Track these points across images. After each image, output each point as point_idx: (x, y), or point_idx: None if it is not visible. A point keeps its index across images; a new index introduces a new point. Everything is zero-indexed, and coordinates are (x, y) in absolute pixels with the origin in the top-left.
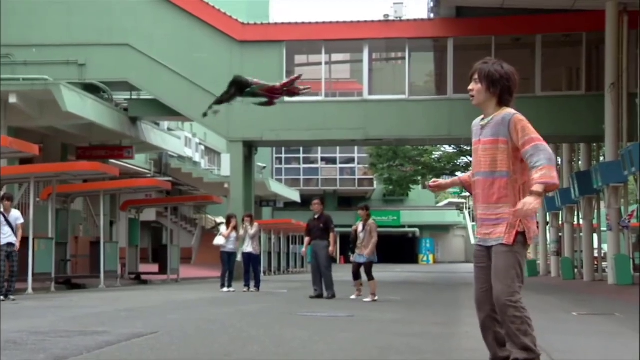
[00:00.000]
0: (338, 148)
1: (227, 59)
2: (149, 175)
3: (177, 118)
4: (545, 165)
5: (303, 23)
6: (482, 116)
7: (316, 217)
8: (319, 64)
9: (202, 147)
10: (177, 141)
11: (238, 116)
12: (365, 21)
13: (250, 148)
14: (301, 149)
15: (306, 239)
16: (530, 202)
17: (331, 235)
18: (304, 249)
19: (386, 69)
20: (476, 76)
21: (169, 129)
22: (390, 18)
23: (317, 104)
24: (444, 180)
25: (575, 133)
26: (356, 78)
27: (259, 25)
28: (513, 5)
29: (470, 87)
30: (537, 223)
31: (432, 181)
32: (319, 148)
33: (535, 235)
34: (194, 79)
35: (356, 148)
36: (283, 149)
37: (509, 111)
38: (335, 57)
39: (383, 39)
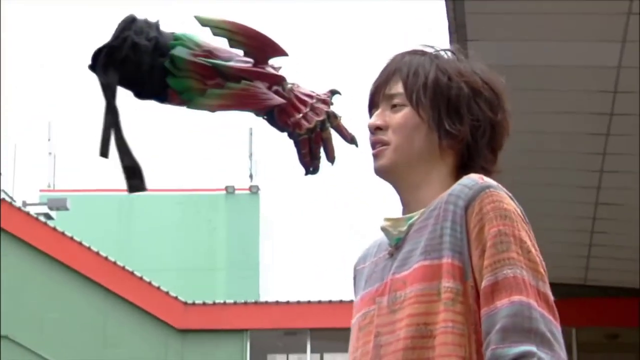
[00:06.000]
0: None
1: (159, 358)
2: None
3: None
4: None
5: (278, 303)
6: (378, 238)
7: None
8: None
9: None
10: None
11: None
12: None
13: None
14: None
15: None
16: None
17: None
18: None
19: None
20: (399, 89)
21: None
22: None
23: None
24: None
25: None
26: None
27: (208, 306)
28: None
29: (375, 122)
30: None
31: None
32: None
33: None
34: None
35: None
36: None
37: (472, 180)
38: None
39: None
